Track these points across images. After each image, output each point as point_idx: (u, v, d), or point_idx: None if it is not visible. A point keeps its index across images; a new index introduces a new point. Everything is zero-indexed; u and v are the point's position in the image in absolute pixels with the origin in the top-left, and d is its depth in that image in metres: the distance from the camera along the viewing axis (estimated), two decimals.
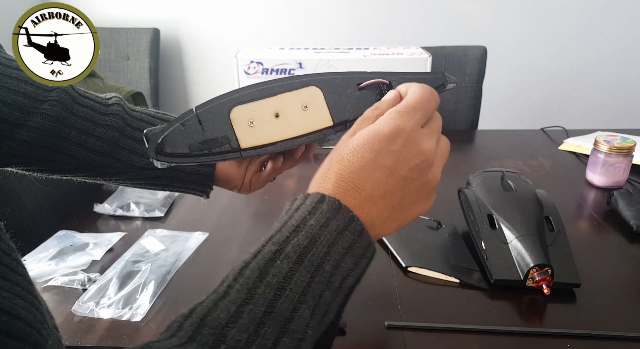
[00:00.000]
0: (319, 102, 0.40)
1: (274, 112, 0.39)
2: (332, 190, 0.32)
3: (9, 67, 0.43)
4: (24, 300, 0.26)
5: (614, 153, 0.86)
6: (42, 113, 0.43)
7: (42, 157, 0.45)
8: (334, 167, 0.33)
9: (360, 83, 0.41)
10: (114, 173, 0.49)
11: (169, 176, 0.50)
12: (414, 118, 0.35)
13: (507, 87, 2.08)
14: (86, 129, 0.46)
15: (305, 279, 0.28)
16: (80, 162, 0.47)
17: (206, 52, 2.16)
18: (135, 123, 0.49)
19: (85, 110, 0.46)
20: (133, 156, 0.48)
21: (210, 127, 0.38)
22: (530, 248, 0.59)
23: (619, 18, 1.93)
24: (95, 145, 0.47)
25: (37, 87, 0.44)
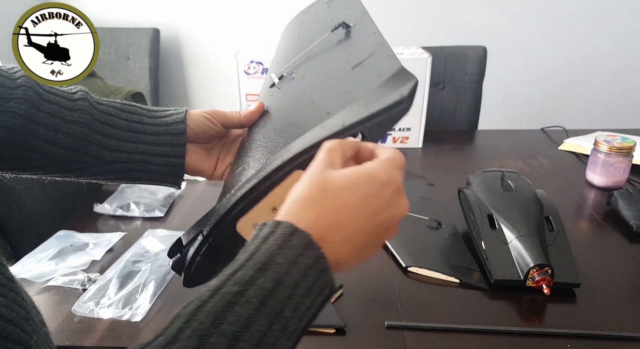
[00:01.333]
0: None
1: (271, 207, 0.40)
2: (311, 222, 0.31)
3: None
4: (5, 298, 0.25)
5: (614, 153, 0.86)
6: (10, 112, 0.43)
7: (11, 155, 0.45)
8: (318, 196, 0.33)
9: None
10: (85, 167, 0.48)
11: (139, 169, 0.50)
12: (401, 174, 0.36)
13: (507, 87, 2.08)
14: (54, 126, 0.45)
15: (263, 328, 0.27)
16: (50, 158, 0.47)
17: (206, 52, 2.16)
18: (103, 118, 0.48)
19: (52, 106, 0.46)
20: (102, 150, 0.48)
21: (224, 247, 0.41)
22: (530, 248, 0.59)
23: (619, 18, 1.93)
24: (64, 141, 0.46)
25: (2, 85, 0.43)
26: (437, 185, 0.90)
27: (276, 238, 0.30)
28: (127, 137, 0.49)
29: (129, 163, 0.49)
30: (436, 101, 1.40)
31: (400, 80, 0.44)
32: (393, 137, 1.11)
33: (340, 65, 0.53)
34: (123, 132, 0.48)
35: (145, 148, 0.49)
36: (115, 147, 0.48)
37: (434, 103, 1.37)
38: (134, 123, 0.49)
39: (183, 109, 0.52)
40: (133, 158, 0.49)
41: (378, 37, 0.52)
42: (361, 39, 0.55)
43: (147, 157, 0.49)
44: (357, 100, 0.44)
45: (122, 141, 0.48)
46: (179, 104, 2.29)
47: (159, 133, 0.50)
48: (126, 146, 0.48)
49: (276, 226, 0.31)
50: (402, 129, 1.09)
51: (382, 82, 0.44)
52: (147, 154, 0.49)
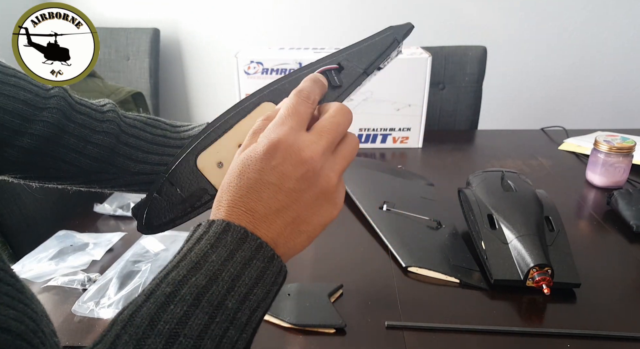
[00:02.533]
0: None
1: (236, 143, 0.37)
2: (225, 218, 0.31)
3: (6, 75, 0.43)
4: (15, 310, 0.25)
5: (614, 153, 0.86)
6: (43, 121, 0.44)
7: (40, 164, 0.46)
8: (224, 193, 0.32)
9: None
10: (110, 179, 0.49)
11: None
12: (286, 126, 0.32)
13: (507, 87, 2.08)
14: (84, 136, 0.46)
15: (202, 321, 0.27)
16: (77, 168, 0.47)
17: (206, 52, 2.16)
18: (129, 130, 0.50)
19: (83, 117, 0.47)
20: (128, 161, 0.49)
21: (184, 185, 0.38)
22: (530, 248, 0.59)
23: (619, 18, 1.93)
24: (93, 151, 0.47)
25: (36, 95, 0.44)
26: (437, 185, 0.90)
27: (209, 237, 0.30)
28: (152, 149, 0.50)
29: (153, 174, 0.50)
30: (436, 101, 1.40)
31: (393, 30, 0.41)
32: (393, 137, 1.11)
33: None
34: (148, 144, 0.50)
35: (169, 160, 0.50)
36: (140, 159, 0.49)
37: (434, 103, 1.37)
38: (159, 136, 0.51)
39: (205, 123, 0.53)
40: (157, 169, 0.50)
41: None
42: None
43: None
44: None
45: (148, 153, 0.50)
46: (179, 104, 2.29)
47: (183, 146, 0.51)
48: (151, 158, 0.50)
49: (209, 226, 0.31)
50: (402, 129, 1.09)
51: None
52: None
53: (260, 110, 0.37)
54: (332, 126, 0.33)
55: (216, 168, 0.37)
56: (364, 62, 0.39)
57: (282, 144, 0.31)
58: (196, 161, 0.37)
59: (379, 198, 0.80)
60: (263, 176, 0.31)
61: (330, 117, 0.34)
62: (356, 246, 0.71)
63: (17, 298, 0.26)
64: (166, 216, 0.39)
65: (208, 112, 2.30)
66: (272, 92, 0.38)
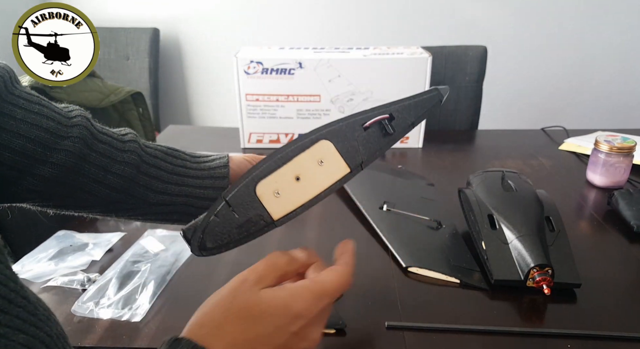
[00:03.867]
0: (332, 154, 0.41)
1: (294, 176, 0.40)
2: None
3: (30, 102, 0.42)
4: (25, 334, 0.25)
5: (614, 153, 0.86)
6: (64, 150, 0.43)
7: (60, 193, 0.45)
8: (230, 323, 0.34)
9: (364, 124, 0.42)
10: (128, 208, 0.49)
11: (180, 211, 0.50)
12: (320, 305, 0.37)
13: (507, 87, 2.08)
14: (105, 166, 0.46)
15: None
16: (96, 198, 0.47)
17: (206, 52, 2.16)
18: (151, 160, 0.49)
19: (104, 146, 0.46)
20: (148, 192, 0.48)
21: (241, 210, 0.40)
22: (531, 248, 0.59)
23: (619, 18, 1.93)
24: (113, 181, 0.46)
25: (59, 123, 0.43)
26: (437, 185, 0.90)
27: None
28: (172, 179, 0.49)
29: (171, 205, 0.50)
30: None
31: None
32: None
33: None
34: (169, 175, 0.49)
35: (189, 191, 0.50)
36: (160, 189, 0.49)
37: None
38: (179, 167, 0.50)
39: (225, 154, 0.54)
40: (176, 201, 0.49)
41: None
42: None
43: (190, 199, 0.50)
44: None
45: (168, 183, 0.49)
46: (179, 104, 2.29)
47: (203, 177, 0.51)
48: (171, 188, 0.49)
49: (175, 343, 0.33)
50: None
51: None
52: (191, 197, 0.50)
53: (318, 146, 0.41)
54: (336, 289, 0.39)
55: (273, 196, 0.40)
56: (413, 115, 0.44)
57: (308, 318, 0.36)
58: (255, 188, 0.39)
59: (379, 198, 0.80)
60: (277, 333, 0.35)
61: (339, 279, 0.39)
62: (356, 246, 0.70)
63: (29, 320, 0.25)
64: (222, 239, 0.40)
65: (208, 112, 2.30)
66: (329, 132, 0.41)
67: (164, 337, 0.53)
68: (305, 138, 0.40)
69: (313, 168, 0.40)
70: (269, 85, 1.06)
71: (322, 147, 0.41)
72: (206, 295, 0.37)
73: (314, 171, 0.41)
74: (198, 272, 0.65)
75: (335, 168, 0.41)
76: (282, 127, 1.10)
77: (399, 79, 1.05)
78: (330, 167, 0.41)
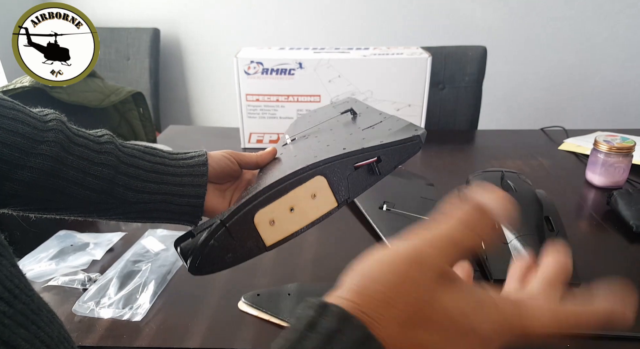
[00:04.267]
0: (324, 189, 0.44)
1: (289, 207, 0.43)
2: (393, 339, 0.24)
3: (5, 108, 0.43)
4: (27, 331, 0.24)
5: (613, 153, 0.86)
6: (41, 154, 0.43)
7: (40, 197, 0.46)
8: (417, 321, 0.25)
9: (355, 164, 0.46)
10: (108, 208, 0.49)
11: (160, 208, 0.51)
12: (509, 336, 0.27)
13: (507, 87, 2.08)
14: (83, 168, 0.46)
15: None
16: (77, 200, 0.47)
17: (206, 52, 2.16)
18: (128, 160, 0.50)
19: (81, 149, 0.47)
20: (127, 192, 0.49)
21: (239, 236, 0.42)
22: (530, 248, 0.59)
23: (619, 18, 1.93)
24: (92, 183, 0.47)
25: (34, 128, 0.44)
26: (437, 185, 0.90)
27: (345, 343, 0.22)
28: (151, 177, 0.50)
29: (151, 203, 0.50)
30: (436, 101, 1.40)
31: (411, 128, 0.50)
32: None
33: (351, 129, 0.58)
34: (147, 173, 0.50)
35: (168, 188, 0.50)
36: (139, 188, 0.49)
37: (434, 103, 1.37)
38: (157, 164, 0.51)
39: (203, 151, 0.54)
40: (155, 198, 0.50)
41: (385, 114, 0.58)
42: (368, 118, 0.60)
43: (169, 197, 0.50)
44: (372, 140, 0.48)
45: (146, 182, 0.49)
46: (179, 104, 2.29)
47: (182, 174, 0.51)
48: (150, 187, 0.49)
49: (344, 323, 0.23)
50: None
51: (393, 132, 0.50)
52: (169, 194, 0.50)
53: (313, 181, 0.43)
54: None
55: (268, 225, 0.42)
56: (397, 160, 0.47)
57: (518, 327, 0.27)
58: (254, 217, 0.41)
59: (379, 198, 0.80)
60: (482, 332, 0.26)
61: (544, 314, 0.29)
62: (356, 246, 0.71)
63: (31, 318, 0.25)
64: (217, 262, 0.42)
65: (208, 112, 2.30)
66: (325, 168, 0.44)
67: (164, 336, 0.54)
68: (303, 172, 0.43)
69: (306, 201, 0.43)
70: (269, 86, 1.06)
71: (317, 182, 0.43)
72: (206, 295, 0.36)
73: (306, 203, 0.43)
74: None
75: (325, 202, 0.44)
76: (282, 127, 1.10)
77: (399, 79, 1.05)
78: (321, 201, 0.44)
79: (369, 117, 0.60)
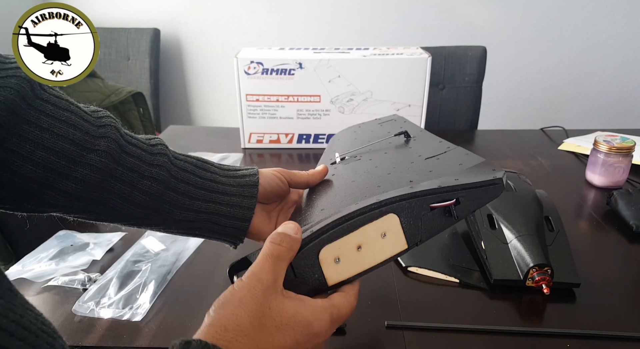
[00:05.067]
0: (396, 229, 0.40)
1: (356, 245, 0.39)
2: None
3: (59, 108, 0.40)
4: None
5: (613, 153, 0.86)
6: (89, 165, 0.40)
7: (83, 208, 0.43)
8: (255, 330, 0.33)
9: (432, 203, 0.41)
10: (151, 224, 0.47)
11: (203, 227, 0.48)
12: (332, 329, 0.37)
13: (507, 87, 2.08)
14: (131, 181, 0.43)
15: None
16: (120, 214, 0.44)
17: (206, 52, 2.16)
18: (180, 175, 0.46)
19: (132, 160, 0.43)
20: (174, 209, 0.46)
21: (301, 270, 0.39)
22: (530, 248, 0.59)
23: (619, 18, 1.93)
24: (139, 198, 0.44)
25: (86, 133, 0.40)
26: None
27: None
28: (200, 195, 0.47)
29: (196, 222, 0.47)
30: (436, 101, 1.40)
31: (487, 169, 0.44)
32: None
33: (410, 156, 0.53)
34: (197, 190, 0.47)
35: (215, 208, 0.47)
36: (187, 206, 0.46)
37: (434, 103, 1.37)
38: (208, 181, 0.48)
39: (255, 170, 0.51)
40: (201, 217, 0.47)
41: (447, 143, 0.53)
42: (427, 144, 0.55)
43: (215, 217, 0.48)
44: (443, 177, 0.43)
45: (195, 199, 0.47)
46: (179, 104, 2.29)
47: (231, 193, 0.48)
48: (197, 205, 0.47)
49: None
50: None
51: (465, 169, 0.45)
52: (216, 214, 0.48)
53: (385, 219, 0.40)
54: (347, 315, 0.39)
55: (333, 262, 0.39)
56: (476, 204, 0.42)
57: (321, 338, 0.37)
58: (320, 252, 0.39)
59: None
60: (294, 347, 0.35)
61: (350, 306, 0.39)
62: None
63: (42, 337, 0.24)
64: None
65: (208, 112, 2.30)
66: (399, 207, 0.40)
67: (164, 336, 0.54)
68: (375, 208, 0.39)
69: (375, 240, 0.40)
70: (269, 86, 1.06)
71: (389, 221, 0.40)
72: (206, 295, 0.36)
73: (375, 243, 0.40)
74: (198, 272, 0.65)
75: (395, 243, 0.40)
76: (283, 127, 1.10)
77: (399, 79, 1.05)
78: (390, 241, 0.40)
79: (428, 143, 0.55)
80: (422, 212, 0.41)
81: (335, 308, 0.37)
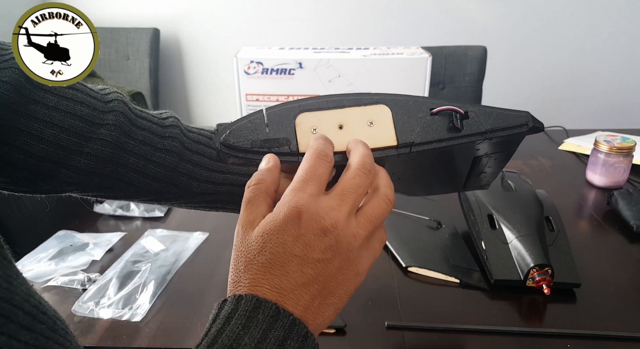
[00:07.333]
0: (385, 120, 0.38)
1: (338, 123, 0.38)
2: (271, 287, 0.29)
3: (63, 87, 0.40)
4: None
5: (614, 153, 0.86)
6: (100, 139, 0.40)
7: (99, 184, 0.43)
8: (244, 273, 0.29)
9: (433, 108, 0.39)
10: (171, 198, 0.47)
11: (225, 200, 0.48)
12: (306, 193, 0.30)
13: (507, 87, 2.08)
14: (145, 154, 0.43)
15: None
16: (137, 188, 0.44)
17: (206, 52, 2.16)
18: (193, 146, 0.46)
19: (144, 133, 0.43)
20: (191, 181, 0.46)
21: (274, 127, 0.38)
22: (531, 248, 0.59)
23: (619, 18, 1.93)
24: (154, 171, 0.44)
25: (94, 109, 0.40)
26: None
27: (239, 316, 0.28)
28: (216, 167, 0.46)
29: (216, 194, 0.47)
30: None
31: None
32: None
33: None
34: (213, 162, 0.46)
35: (234, 179, 0.47)
36: (204, 178, 0.46)
37: None
38: None
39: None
40: (221, 189, 0.47)
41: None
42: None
43: (235, 188, 0.47)
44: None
45: (212, 171, 0.46)
46: (179, 104, 2.29)
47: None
48: (215, 176, 0.46)
49: (238, 303, 0.28)
50: None
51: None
52: (235, 185, 0.47)
53: (375, 108, 0.38)
54: (352, 188, 0.31)
55: (309, 131, 0.38)
56: (489, 123, 0.39)
57: (303, 213, 0.29)
58: (297, 115, 0.37)
59: None
60: (287, 249, 0.29)
61: (351, 179, 0.32)
62: None
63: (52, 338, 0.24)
64: (244, 143, 0.38)
65: (208, 112, 2.30)
66: (393, 100, 0.38)
67: (164, 337, 0.54)
68: (367, 95, 0.38)
69: (360, 125, 0.37)
70: (269, 85, 1.06)
71: (379, 110, 0.38)
72: (206, 295, 0.36)
73: (359, 127, 0.37)
74: (198, 272, 0.65)
75: (382, 136, 0.38)
76: None
77: (399, 79, 1.05)
78: (377, 132, 0.37)
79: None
80: (420, 114, 0.38)
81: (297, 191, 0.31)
